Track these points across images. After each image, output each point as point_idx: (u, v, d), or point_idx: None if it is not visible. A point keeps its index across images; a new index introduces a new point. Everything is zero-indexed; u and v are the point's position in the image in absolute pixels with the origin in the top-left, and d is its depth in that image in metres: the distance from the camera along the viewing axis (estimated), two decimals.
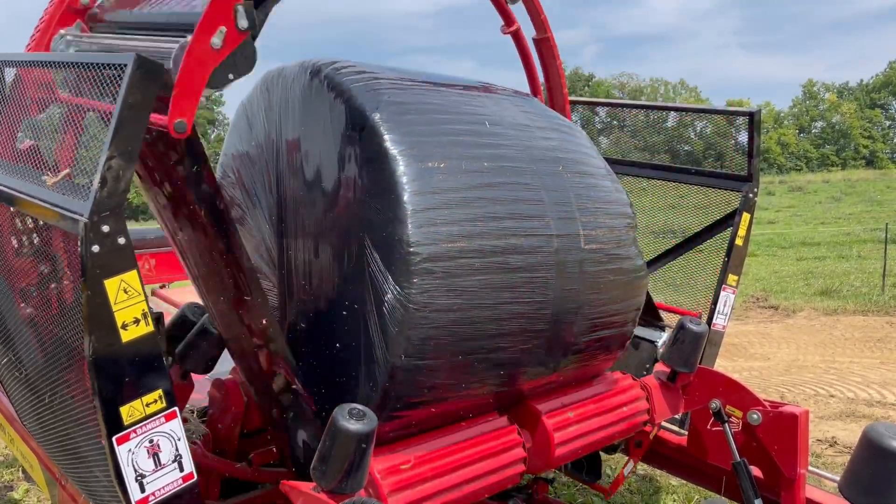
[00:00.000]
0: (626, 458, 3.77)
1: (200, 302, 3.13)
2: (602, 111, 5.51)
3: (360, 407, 2.25)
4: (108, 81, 1.93)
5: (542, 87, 4.88)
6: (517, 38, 4.60)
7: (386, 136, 2.49)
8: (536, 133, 3.02)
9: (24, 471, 5.19)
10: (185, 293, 5.86)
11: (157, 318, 2.63)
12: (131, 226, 2.07)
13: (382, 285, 2.41)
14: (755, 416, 3.27)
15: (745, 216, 4.27)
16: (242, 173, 3.14)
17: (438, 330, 2.45)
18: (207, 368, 3.02)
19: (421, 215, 2.42)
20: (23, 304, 2.31)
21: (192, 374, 3.08)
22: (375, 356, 2.46)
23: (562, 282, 2.78)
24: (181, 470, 2.11)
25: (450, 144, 2.64)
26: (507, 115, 3.00)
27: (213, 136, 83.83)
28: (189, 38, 1.93)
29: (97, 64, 1.99)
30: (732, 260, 4.26)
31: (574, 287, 2.84)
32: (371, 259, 2.45)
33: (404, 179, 2.43)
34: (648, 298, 4.21)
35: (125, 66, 1.84)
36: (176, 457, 2.09)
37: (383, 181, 2.46)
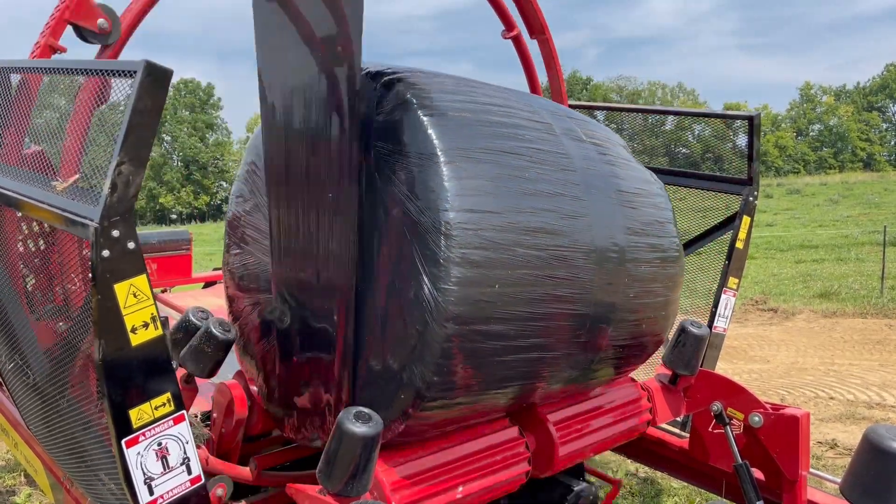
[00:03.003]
0: (626, 458, 3.78)
1: (203, 305, 3.15)
2: (601, 115, 5.53)
3: (366, 410, 2.26)
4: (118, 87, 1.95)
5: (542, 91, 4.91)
6: (517, 42, 4.64)
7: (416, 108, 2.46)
8: (580, 136, 3.03)
9: (26, 475, 5.20)
10: (186, 297, 5.88)
11: (162, 323, 2.63)
12: None
13: (423, 260, 2.32)
14: (756, 418, 3.29)
15: (746, 219, 4.30)
16: (246, 218, 3.14)
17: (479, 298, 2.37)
18: (212, 372, 3.03)
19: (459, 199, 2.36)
20: (32, 309, 2.32)
21: (196, 378, 3.09)
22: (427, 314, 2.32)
23: (601, 277, 2.76)
24: (189, 473, 2.12)
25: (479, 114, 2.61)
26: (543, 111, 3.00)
27: (211, 140, 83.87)
28: None
29: (108, 70, 2.01)
30: (733, 263, 4.28)
31: (613, 283, 2.83)
32: (412, 245, 2.36)
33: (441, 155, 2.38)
34: None
35: (135, 72, 1.86)
36: (184, 460, 2.11)
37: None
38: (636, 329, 3.03)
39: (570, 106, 4.90)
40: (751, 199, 4.32)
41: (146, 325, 1.96)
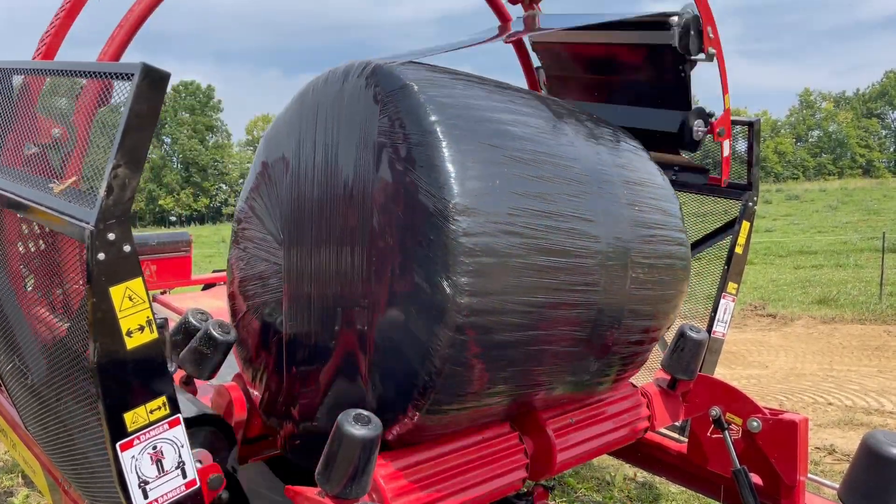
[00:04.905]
0: (624, 463, 3.77)
1: (202, 307, 3.14)
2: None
3: (365, 412, 2.26)
4: (116, 89, 1.95)
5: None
6: (518, 46, 4.64)
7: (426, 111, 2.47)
8: (589, 136, 3.04)
9: (23, 476, 5.19)
10: (185, 299, 5.87)
11: (162, 325, 2.63)
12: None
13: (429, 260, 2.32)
14: (755, 423, 3.29)
15: (745, 224, 4.30)
16: (258, 209, 3.14)
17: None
18: (211, 374, 3.02)
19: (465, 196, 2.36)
20: (29, 311, 2.32)
21: (196, 381, 3.09)
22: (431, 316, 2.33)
23: (608, 280, 2.75)
24: (184, 476, 2.11)
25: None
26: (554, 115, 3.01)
27: (210, 142, 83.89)
28: None
29: (105, 73, 2.01)
30: (732, 268, 4.28)
31: (620, 284, 2.82)
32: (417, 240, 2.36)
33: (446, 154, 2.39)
34: None
35: (132, 75, 1.86)
36: (179, 463, 2.10)
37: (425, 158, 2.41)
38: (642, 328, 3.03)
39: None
40: (750, 204, 4.32)
41: (142, 329, 1.95)
